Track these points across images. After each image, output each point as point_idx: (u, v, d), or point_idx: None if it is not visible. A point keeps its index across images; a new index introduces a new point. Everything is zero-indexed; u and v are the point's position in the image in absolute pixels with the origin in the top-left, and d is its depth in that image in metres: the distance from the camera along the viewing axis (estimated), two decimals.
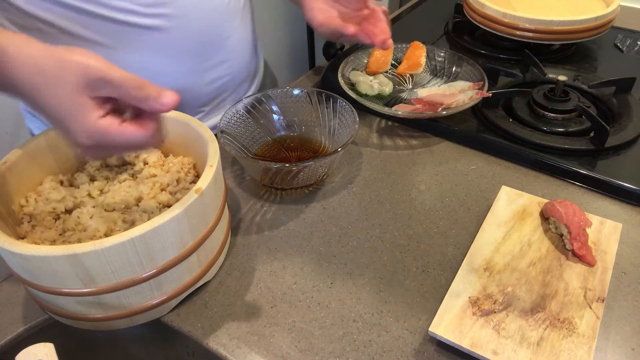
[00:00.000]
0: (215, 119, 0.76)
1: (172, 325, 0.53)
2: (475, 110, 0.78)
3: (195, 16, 0.67)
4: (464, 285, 0.53)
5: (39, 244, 0.50)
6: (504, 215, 0.61)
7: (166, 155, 0.62)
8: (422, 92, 0.80)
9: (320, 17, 0.68)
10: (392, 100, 0.80)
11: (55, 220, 0.55)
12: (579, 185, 0.68)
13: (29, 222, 0.53)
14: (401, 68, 0.85)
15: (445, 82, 0.84)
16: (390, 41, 0.65)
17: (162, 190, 0.57)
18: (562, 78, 0.79)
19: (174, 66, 0.68)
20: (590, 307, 0.50)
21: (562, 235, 0.58)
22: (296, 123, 0.74)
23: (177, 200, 0.52)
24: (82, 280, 0.46)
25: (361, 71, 0.84)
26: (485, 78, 0.78)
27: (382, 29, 0.65)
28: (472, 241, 0.58)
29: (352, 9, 0.70)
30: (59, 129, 0.44)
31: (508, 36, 0.91)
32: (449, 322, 0.49)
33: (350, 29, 0.65)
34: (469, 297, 0.51)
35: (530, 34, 0.89)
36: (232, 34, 0.73)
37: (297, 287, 0.56)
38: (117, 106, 0.44)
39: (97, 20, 0.61)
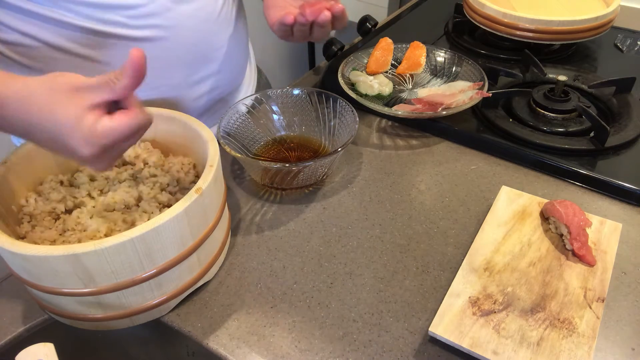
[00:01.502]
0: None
1: (172, 325, 0.53)
2: (475, 110, 0.78)
3: (186, 27, 0.65)
4: (464, 285, 0.53)
5: (39, 244, 0.50)
6: (504, 215, 0.61)
7: (166, 155, 0.62)
8: (422, 92, 0.80)
9: (276, 15, 0.64)
10: (392, 100, 0.80)
11: (55, 220, 0.55)
12: (579, 185, 0.68)
13: (29, 222, 0.53)
14: (401, 68, 0.85)
15: (445, 82, 0.84)
16: (326, 13, 0.60)
17: (162, 190, 0.57)
18: (562, 78, 0.79)
19: (162, 80, 0.66)
20: (590, 307, 0.50)
21: (562, 235, 0.58)
22: (296, 123, 0.74)
23: (177, 200, 0.52)
24: (82, 280, 0.46)
25: (361, 71, 0.84)
26: (485, 78, 0.78)
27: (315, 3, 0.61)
28: (472, 241, 0.58)
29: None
30: (60, 149, 0.44)
31: (508, 36, 0.91)
32: (449, 322, 0.49)
33: (290, 17, 0.61)
34: (469, 297, 0.51)
35: (530, 34, 0.89)
36: (223, 45, 0.71)
37: (297, 287, 0.56)
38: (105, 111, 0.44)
39: (84, 34, 0.59)
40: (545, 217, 0.60)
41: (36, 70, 0.61)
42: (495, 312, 0.50)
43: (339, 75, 0.79)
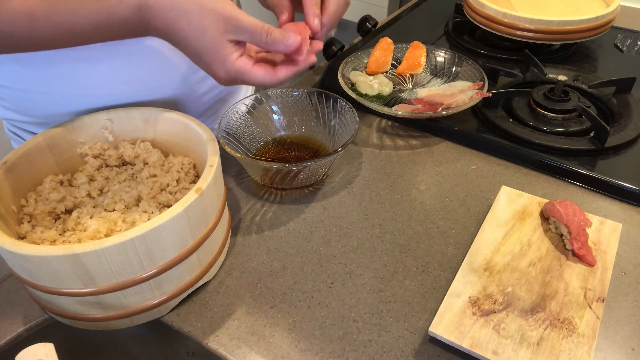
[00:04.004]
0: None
1: (172, 325, 0.53)
2: (475, 110, 0.78)
3: None
4: (464, 285, 0.53)
5: (39, 244, 0.50)
6: (504, 215, 0.61)
7: (166, 155, 0.62)
8: (422, 92, 0.80)
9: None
10: (392, 100, 0.80)
11: (55, 220, 0.55)
12: (579, 185, 0.68)
13: (29, 222, 0.53)
14: (401, 68, 0.85)
15: (445, 82, 0.84)
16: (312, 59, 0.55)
17: (162, 190, 0.57)
18: (562, 78, 0.79)
19: (167, 77, 0.67)
20: (590, 307, 0.50)
21: (562, 235, 0.58)
22: (296, 123, 0.74)
23: (177, 200, 0.52)
24: (82, 280, 0.46)
25: (361, 71, 0.84)
26: (485, 78, 0.78)
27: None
28: (472, 241, 0.58)
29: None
30: (198, 63, 0.52)
31: (508, 36, 0.91)
32: (449, 322, 0.49)
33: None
34: (469, 297, 0.51)
35: (530, 34, 0.89)
36: None
37: (297, 287, 0.56)
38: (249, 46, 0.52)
39: None
40: (545, 217, 0.60)
41: (28, 62, 0.60)
42: (495, 312, 0.50)
43: (339, 75, 0.79)
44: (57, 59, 0.60)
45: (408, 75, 0.85)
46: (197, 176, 0.60)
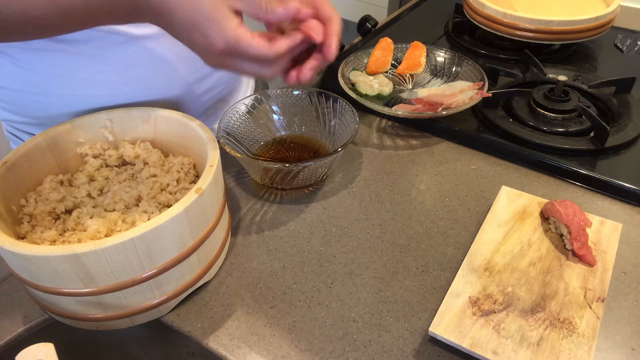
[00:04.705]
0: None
1: (172, 325, 0.53)
2: (475, 110, 0.78)
3: None
4: (464, 285, 0.53)
5: (39, 244, 0.50)
6: (504, 215, 0.61)
7: (166, 155, 0.62)
8: (422, 92, 0.80)
9: None
10: (392, 100, 0.80)
11: (55, 220, 0.55)
12: (579, 185, 0.68)
13: (29, 222, 0.53)
14: (401, 68, 0.85)
15: (445, 82, 0.84)
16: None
17: (162, 190, 0.57)
18: (562, 78, 0.79)
19: (167, 77, 0.66)
20: (590, 307, 0.50)
21: (562, 235, 0.58)
22: (296, 123, 0.74)
23: (177, 200, 0.52)
24: (82, 280, 0.46)
25: (361, 71, 0.84)
26: (485, 78, 0.78)
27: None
28: (472, 241, 0.58)
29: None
30: (191, 36, 0.47)
31: (508, 36, 0.91)
32: (449, 322, 0.49)
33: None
34: (469, 297, 0.51)
35: (530, 34, 0.89)
36: None
37: (297, 287, 0.56)
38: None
39: (84, 30, 0.57)
40: (545, 217, 0.60)
41: (26, 62, 0.60)
42: (495, 312, 0.50)
43: (339, 75, 0.79)
44: (56, 60, 0.60)
45: (408, 75, 0.85)
46: (197, 176, 0.60)
